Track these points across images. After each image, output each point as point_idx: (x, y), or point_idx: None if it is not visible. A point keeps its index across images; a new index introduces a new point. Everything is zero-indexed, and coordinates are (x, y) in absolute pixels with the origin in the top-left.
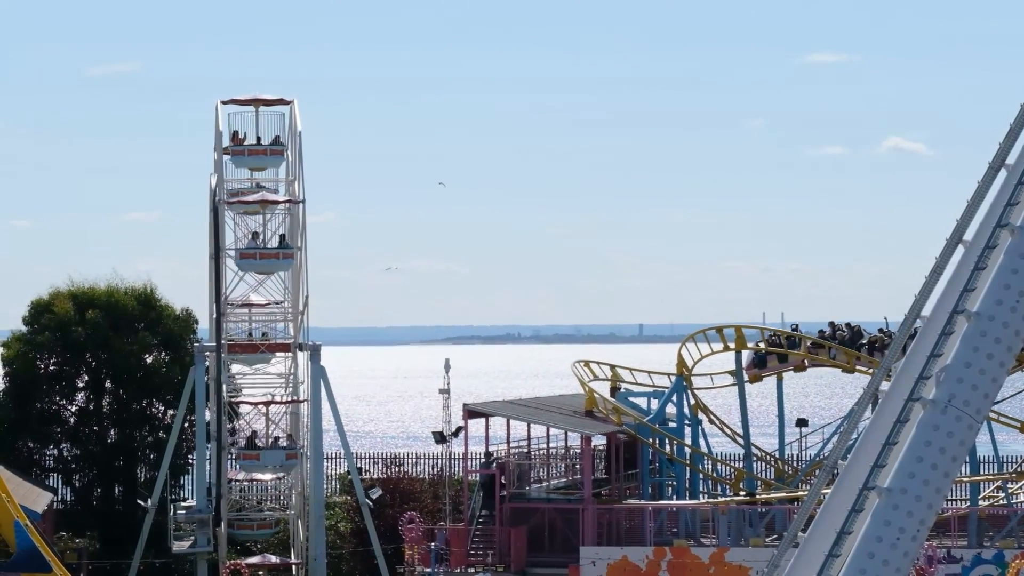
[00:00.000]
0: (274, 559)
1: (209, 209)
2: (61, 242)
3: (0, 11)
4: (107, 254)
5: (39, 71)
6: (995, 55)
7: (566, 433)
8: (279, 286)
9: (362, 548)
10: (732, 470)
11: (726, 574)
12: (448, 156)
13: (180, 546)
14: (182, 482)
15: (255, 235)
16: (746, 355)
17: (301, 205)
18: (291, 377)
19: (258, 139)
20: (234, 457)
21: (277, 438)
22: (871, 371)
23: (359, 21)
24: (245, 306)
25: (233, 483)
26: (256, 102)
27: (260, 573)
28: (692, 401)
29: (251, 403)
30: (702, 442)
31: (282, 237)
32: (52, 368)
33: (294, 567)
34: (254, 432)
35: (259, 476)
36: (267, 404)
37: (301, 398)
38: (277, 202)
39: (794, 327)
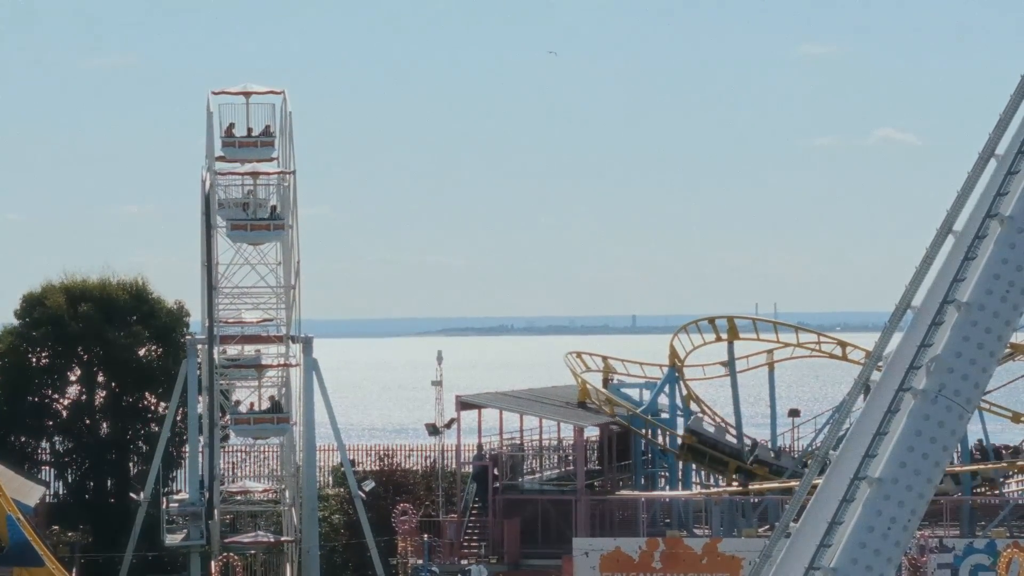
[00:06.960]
0: (268, 538)
1: (201, 196)
2: (54, 235)
3: None
4: (100, 247)
5: (31, 64)
6: (985, 45)
7: (559, 424)
8: (272, 277)
9: (355, 540)
10: None
11: (719, 564)
12: (441, 148)
13: (173, 539)
14: (175, 475)
15: (245, 206)
16: None
17: (292, 180)
18: (285, 350)
19: (248, 130)
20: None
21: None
22: None
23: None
24: (238, 323)
25: (225, 494)
26: (247, 92)
27: (253, 552)
28: (684, 392)
29: (242, 367)
30: None
31: (273, 208)
32: (44, 361)
33: (286, 544)
34: (251, 404)
35: (253, 487)
36: (259, 368)
37: (293, 379)
38: (269, 173)
39: None
